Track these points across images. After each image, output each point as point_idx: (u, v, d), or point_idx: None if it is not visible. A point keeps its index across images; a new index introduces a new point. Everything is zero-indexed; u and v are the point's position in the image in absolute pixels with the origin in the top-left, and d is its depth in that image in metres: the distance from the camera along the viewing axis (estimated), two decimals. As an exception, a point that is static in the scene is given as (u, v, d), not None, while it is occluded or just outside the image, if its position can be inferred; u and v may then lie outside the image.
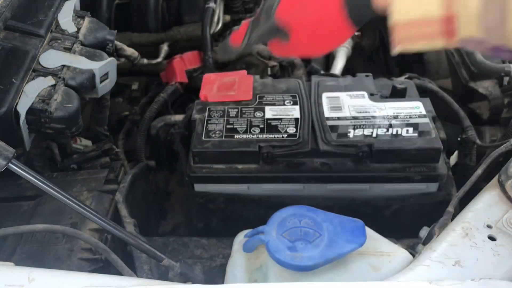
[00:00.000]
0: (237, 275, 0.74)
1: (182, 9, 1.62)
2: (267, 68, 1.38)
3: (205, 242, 0.92)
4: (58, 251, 0.82)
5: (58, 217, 0.88)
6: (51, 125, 0.89)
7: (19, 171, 0.70)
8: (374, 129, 0.91)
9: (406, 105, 0.97)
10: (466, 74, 1.20)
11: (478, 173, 0.80)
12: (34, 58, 0.93)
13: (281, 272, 0.70)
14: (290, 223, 0.72)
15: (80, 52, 1.00)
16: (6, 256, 0.82)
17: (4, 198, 0.95)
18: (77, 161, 1.11)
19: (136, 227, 0.88)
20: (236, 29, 0.85)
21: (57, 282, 0.62)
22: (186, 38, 1.57)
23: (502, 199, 0.72)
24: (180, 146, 1.10)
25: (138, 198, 1.03)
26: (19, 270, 0.63)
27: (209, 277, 0.85)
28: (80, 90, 0.95)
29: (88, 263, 0.82)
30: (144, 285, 0.63)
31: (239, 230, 0.83)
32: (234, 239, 0.81)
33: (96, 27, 1.08)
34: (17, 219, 0.89)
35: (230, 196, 0.94)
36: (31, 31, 0.97)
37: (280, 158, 0.91)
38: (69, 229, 0.77)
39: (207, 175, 0.92)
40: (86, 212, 0.72)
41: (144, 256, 0.83)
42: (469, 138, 1.08)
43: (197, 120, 0.97)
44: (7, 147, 0.70)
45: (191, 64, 1.42)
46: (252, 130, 0.94)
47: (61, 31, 1.03)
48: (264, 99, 1.01)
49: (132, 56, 1.28)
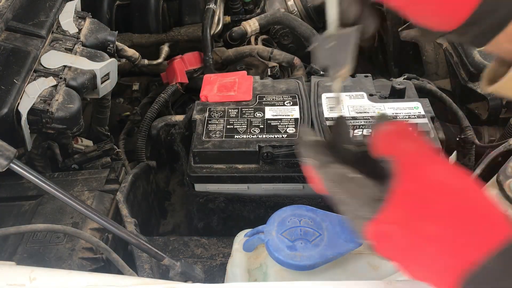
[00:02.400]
0: (237, 274, 0.74)
1: (183, 10, 1.63)
2: (267, 68, 1.38)
3: (206, 242, 0.93)
4: (59, 251, 0.82)
5: (59, 217, 0.89)
6: (52, 125, 0.90)
7: (21, 171, 0.70)
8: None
9: (405, 106, 0.97)
10: (464, 74, 1.20)
11: (476, 173, 0.80)
12: (35, 59, 0.94)
13: (281, 271, 0.70)
14: (289, 222, 0.72)
15: (81, 52, 1.00)
16: (8, 255, 0.82)
17: (6, 198, 0.95)
18: (78, 161, 1.12)
19: (137, 226, 0.89)
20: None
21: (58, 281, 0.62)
22: (187, 39, 1.57)
23: (500, 199, 0.72)
24: (180, 146, 1.11)
25: (138, 198, 1.03)
26: (21, 270, 0.64)
27: (209, 276, 0.86)
28: (81, 90, 0.96)
29: (89, 263, 0.82)
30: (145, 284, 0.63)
31: (239, 230, 0.83)
32: (234, 238, 0.82)
33: (97, 28, 1.08)
34: (19, 219, 0.90)
35: (230, 196, 0.95)
36: (32, 32, 0.97)
37: (280, 158, 0.91)
38: (70, 229, 0.78)
39: (207, 175, 0.92)
40: (87, 212, 0.73)
41: (145, 256, 0.83)
42: (467, 138, 1.08)
43: (197, 120, 0.98)
44: (9, 147, 0.70)
45: (192, 65, 1.42)
46: (252, 130, 0.94)
47: (62, 32, 1.03)
48: (264, 100, 1.02)
49: (133, 57, 1.28)
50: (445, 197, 0.45)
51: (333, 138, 0.58)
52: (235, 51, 1.45)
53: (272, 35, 1.61)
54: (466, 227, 0.44)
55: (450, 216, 0.44)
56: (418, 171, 0.47)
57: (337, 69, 0.54)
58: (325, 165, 0.52)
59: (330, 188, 0.52)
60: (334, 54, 0.54)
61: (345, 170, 0.51)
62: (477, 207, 0.45)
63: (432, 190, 0.45)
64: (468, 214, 0.44)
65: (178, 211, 1.24)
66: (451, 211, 0.44)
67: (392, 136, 0.50)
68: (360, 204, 0.49)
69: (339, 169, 0.51)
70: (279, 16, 1.47)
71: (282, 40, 1.61)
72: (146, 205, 1.10)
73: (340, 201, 0.51)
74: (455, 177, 0.47)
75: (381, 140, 0.50)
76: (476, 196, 0.46)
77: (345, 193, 0.50)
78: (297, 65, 1.39)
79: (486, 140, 1.17)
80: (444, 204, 0.45)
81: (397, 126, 0.51)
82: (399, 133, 0.50)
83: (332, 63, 0.55)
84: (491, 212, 0.45)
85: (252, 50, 1.44)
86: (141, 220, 0.98)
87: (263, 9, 1.60)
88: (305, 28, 1.43)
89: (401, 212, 0.46)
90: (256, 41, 1.54)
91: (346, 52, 0.53)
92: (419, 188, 0.46)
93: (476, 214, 0.44)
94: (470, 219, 0.44)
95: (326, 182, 0.52)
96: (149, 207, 1.12)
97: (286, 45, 1.61)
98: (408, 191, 0.46)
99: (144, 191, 1.07)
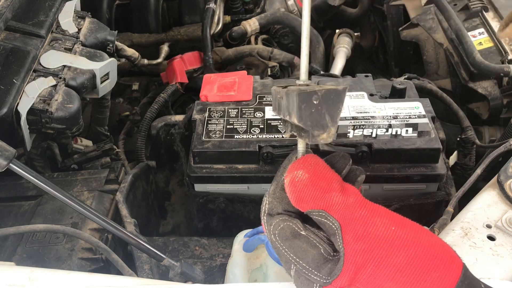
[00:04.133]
0: (237, 274, 0.74)
1: (182, 10, 1.63)
2: (267, 68, 1.38)
3: (205, 242, 0.93)
4: (59, 251, 0.82)
5: (59, 217, 0.88)
6: (51, 125, 0.89)
7: (20, 171, 0.70)
8: (374, 129, 0.91)
9: (405, 105, 0.97)
10: (465, 74, 1.20)
11: (477, 173, 0.80)
12: (35, 59, 0.93)
13: (281, 271, 0.70)
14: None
15: (80, 52, 1.00)
16: (7, 256, 0.82)
17: (5, 198, 0.95)
18: (78, 161, 1.12)
19: (136, 227, 0.88)
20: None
21: (58, 281, 0.62)
22: (187, 38, 1.57)
23: (501, 199, 0.72)
24: (180, 146, 1.10)
25: (138, 198, 1.03)
26: (20, 270, 0.64)
27: (209, 277, 0.85)
28: (81, 90, 0.96)
29: (88, 263, 0.82)
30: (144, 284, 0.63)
31: (239, 230, 0.83)
32: (234, 239, 0.82)
33: (96, 28, 1.08)
34: (18, 219, 0.90)
35: (230, 196, 0.95)
36: (32, 31, 0.97)
37: (280, 158, 0.91)
38: (70, 229, 0.78)
39: (207, 175, 0.92)
40: (86, 212, 0.72)
41: (144, 256, 0.83)
42: (468, 138, 1.08)
43: (197, 120, 0.98)
44: (8, 147, 0.70)
45: (192, 65, 1.42)
46: (252, 130, 0.94)
47: (62, 31, 1.03)
48: (264, 100, 1.02)
49: (132, 57, 1.28)
50: (397, 252, 0.46)
51: None
52: (235, 50, 1.45)
53: (272, 35, 1.61)
54: (428, 271, 0.45)
55: (409, 268, 0.45)
56: (360, 228, 0.47)
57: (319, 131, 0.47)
58: (275, 216, 0.50)
59: (279, 244, 0.50)
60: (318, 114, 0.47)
61: (296, 225, 0.49)
62: (430, 249, 0.46)
63: (382, 248, 0.46)
64: (426, 258, 0.45)
65: (178, 211, 1.23)
66: (409, 263, 0.45)
67: (314, 189, 0.48)
68: (312, 267, 0.48)
69: (290, 224, 0.49)
70: (279, 15, 1.47)
71: (282, 40, 1.61)
72: (146, 205, 1.09)
73: (289, 260, 0.49)
74: (399, 226, 0.47)
75: (302, 194, 0.49)
76: (425, 239, 0.47)
77: (295, 253, 0.49)
78: (297, 64, 1.39)
79: (487, 140, 1.17)
80: (400, 258, 0.45)
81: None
82: (318, 183, 0.48)
83: (313, 123, 0.47)
84: (443, 250, 0.47)
85: (252, 49, 1.44)
86: (141, 221, 0.97)
87: (263, 9, 1.59)
88: (305, 28, 1.43)
89: (355, 275, 0.46)
90: (256, 41, 1.54)
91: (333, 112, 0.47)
92: (369, 248, 0.46)
93: (433, 256, 0.46)
94: (430, 262, 0.45)
95: (274, 236, 0.50)
96: (148, 207, 1.12)
97: (286, 45, 1.61)
98: (358, 252, 0.46)
99: (143, 191, 1.07)
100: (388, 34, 1.55)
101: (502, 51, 1.17)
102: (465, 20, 1.27)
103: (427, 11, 1.35)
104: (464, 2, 1.30)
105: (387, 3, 1.50)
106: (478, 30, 1.24)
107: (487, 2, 1.31)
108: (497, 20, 1.26)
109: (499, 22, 1.25)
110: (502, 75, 1.13)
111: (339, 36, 1.62)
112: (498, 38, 1.20)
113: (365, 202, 0.49)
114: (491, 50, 1.19)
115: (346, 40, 1.58)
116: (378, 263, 0.45)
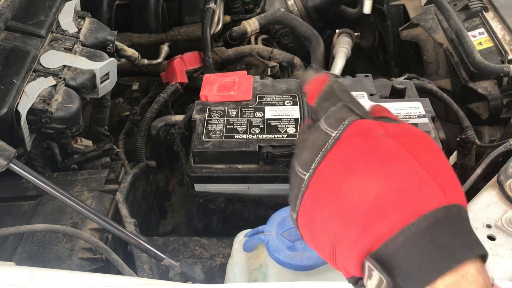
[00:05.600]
0: (237, 274, 0.74)
1: (182, 10, 1.63)
2: (267, 68, 1.38)
3: (205, 242, 0.93)
4: (59, 251, 0.82)
5: (59, 217, 0.88)
6: (51, 125, 0.89)
7: (20, 171, 0.70)
8: (374, 129, 0.91)
9: (405, 105, 0.97)
10: (465, 74, 1.20)
11: (477, 173, 0.80)
12: (34, 59, 0.93)
13: (281, 271, 0.70)
14: (290, 222, 0.72)
15: (80, 52, 1.00)
16: (7, 255, 0.82)
17: (5, 198, 0.95)
18: (78, 161, 1.12)
19: (136, 226, 0.88)
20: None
21: (58, 281, 0.62)
22: (186, 38, 1.57)
23: (501, 199, 0.72)
24: (180, 146, 1.10)
25: (138, 198, 1.03)
26: (20, 270, 0.64)
27: (209, 277, 0.85)
28: (81, 90, 0.96)
29: (88, 263, 0.82)
30: (144, 284, 0.63)
31: (239, 230, 0.83)
32: (234, 238, 0.82)
33: (96, 28, 1.08)
34: (18, 219, 0.90)
35: (230, 196, 0.95)
36: (32, 31, 0.97)
37: (280, 158, 0.91)
38: (70, 229, 0.78)
39: (207, 175, 0.92)
40: (86, 212, 0.72)
41: (144, 256, 0.83)
42: (468, 138, 1.08)
43: (197, 120, 0.98)
44: (8, 147, 0.70)
45: (191, 65, 1.42)
46: (252, 130, 0.94)
47: (62, 31, 1.03)
48: (264, 99, 1.02)
49: (132, 57, 1.28)
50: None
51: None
52: (235, 50, 1.45)
53: (272, 35, 1.61)
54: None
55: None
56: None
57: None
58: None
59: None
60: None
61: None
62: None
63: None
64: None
65: (178, 211, 1.24)
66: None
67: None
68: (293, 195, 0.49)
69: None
70: (279, 15, 1.47)
71: (282, 40, 1.61)
72: (146, 205, 1.09)
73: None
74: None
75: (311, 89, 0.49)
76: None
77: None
78: (297, 64, 1.39)
79: (487, 140, 1.17)
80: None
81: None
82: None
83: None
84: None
85: (252, 49, 1.43)
86: (141, 221, 0.97)
87: (263, 9, 1.59)
88: (305, 28, 1.43)
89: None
90: (256, 41, 1.53)
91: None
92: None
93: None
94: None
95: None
96: (148, 207, 1.12)
97: (286, 45, 1.61)
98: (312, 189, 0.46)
99: (143, 191, 1.07)
100: (388, 34, 1.55)
101: (502, 51, 1.17)
102: (465, 20, 1.27)
103: (427, 11, 1.35)
104: (464, 2, 1.30)
105: (387, 3, 1.50)
106: (478, 30, 1.24)
107: (487, 2, 1.31)
108: (497, 20, 1.26)
109: (499, 22, 1.25)
110: (502, 75, 1.13)
111: (339, 36, 1.62)
112: (498, 38, 1.20)
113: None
114: (491, 50, 1.19)
115: (346, 40, 1.58)
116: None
